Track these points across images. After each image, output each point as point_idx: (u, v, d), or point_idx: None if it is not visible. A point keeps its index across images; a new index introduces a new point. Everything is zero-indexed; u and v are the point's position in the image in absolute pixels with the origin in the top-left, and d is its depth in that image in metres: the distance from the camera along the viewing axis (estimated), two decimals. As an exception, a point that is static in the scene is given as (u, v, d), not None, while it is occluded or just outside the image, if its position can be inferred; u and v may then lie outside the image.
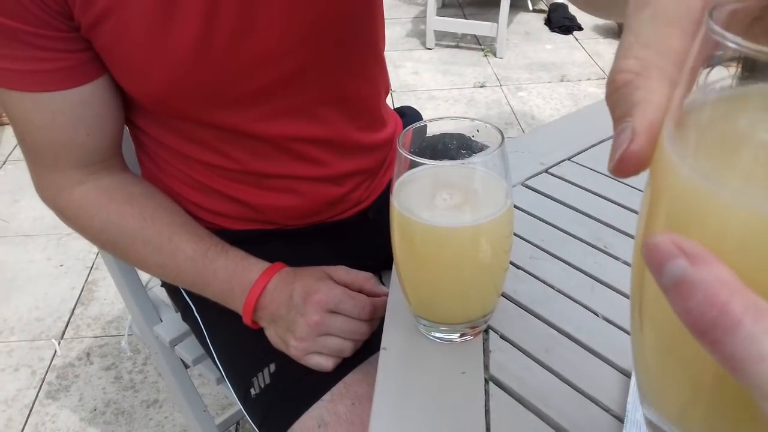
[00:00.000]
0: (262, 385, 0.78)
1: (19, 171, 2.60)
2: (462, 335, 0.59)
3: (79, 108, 0.73)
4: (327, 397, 0.74)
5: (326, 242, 0.92)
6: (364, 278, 0.77)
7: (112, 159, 0.81)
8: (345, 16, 0.75)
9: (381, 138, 0.93)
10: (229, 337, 0.84)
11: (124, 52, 0.70)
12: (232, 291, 0.77)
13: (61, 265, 2.12)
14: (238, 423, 1.54)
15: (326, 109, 0.82)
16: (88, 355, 1.80)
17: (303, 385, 0.75)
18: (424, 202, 0.53)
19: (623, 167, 0.26)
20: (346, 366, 0.75)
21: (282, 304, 0.74)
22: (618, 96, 0.26)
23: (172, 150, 0.83)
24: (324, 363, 0.74)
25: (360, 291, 0.76)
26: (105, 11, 0.67)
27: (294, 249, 0.85)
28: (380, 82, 0.91)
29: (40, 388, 1.71)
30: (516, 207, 0.76)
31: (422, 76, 3.32)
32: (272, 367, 0.78)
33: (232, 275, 0.77)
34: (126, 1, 0.67)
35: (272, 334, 0.77)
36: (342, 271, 0.78)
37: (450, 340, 0.59)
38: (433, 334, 0.59)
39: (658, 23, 0.27)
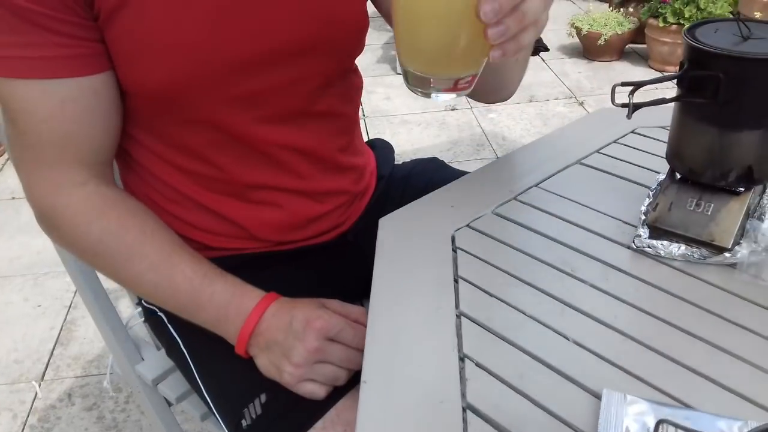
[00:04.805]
0: (254, 416, 0.79)
1: (-8, 211, 2.59)
2: (455, 86, 0.61)
3: (90, 97, 0.73)
4: (319, 424, 0.75)
5: (310, 267, 0.94)
6: (358, 311, 0.80)
7: (109, 167, 0.82)
8: (345, 31, 0.82)
9: (357, 162, 0.98)
10: (218, 369, 0.85)
11: (138, 39, 0.72)
12: (227, 317, 0.77)
13: (39, 306, 2.11)
14: (223, 457, 1.54)
15: (313, 122, 0.86)
16: (69, 396, 1.79)
17: (295, 414, 0.77)
18: None
19: None
20: (336, 393, 0.77)
21: (279, 330, 0.76)
22: None
23: (161, 160, 0.84)
24: (317, 391, 0.75)
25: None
26: None
27: (279, 274, 0.87)
28: (357, 109, 0.97)
29: (22, 431, 1.69)
30: (487, 235, 0.79)
31: (394, 101, 3.37)
32: (263, 397, 0.79)
33: (230, 300, 0.77)
34: None
35: (265, 362, 0.77)
36: (337, 303, 0.80)
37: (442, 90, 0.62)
38: (431, 90, 0.61)
39: None
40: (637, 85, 0.64)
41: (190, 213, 0.88)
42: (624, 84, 0.64)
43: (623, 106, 0.64)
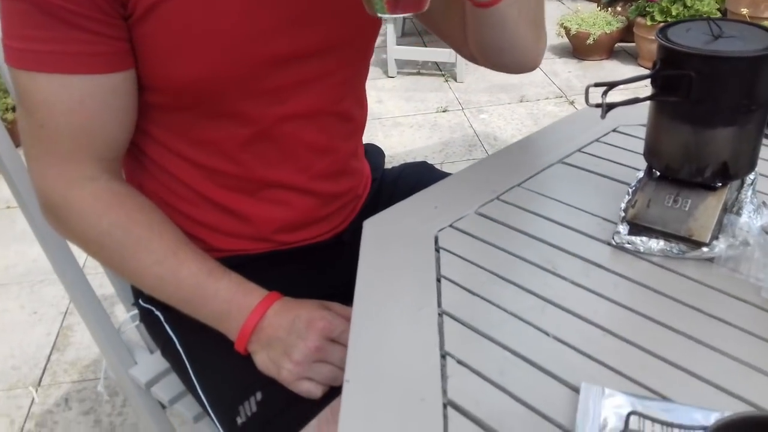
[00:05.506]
0: (249, 414, 0.80)
1: (-13, 220, 2.59)
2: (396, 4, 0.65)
3: (108, 94, 0.75)
4: (314, 423, 0.76)
5: (307, 267, 0.96)
6: None
7: (119, 163, 0.83)
8: (365, 27, 0.86)
9: (359, 167, 1.02)
10: (214, 367, 0.86)
11: (176, 33, 0.73)
12: (230, 312, 0.79)
13: (35, 312, 2.12)
14: (219, 460, 1.54)
15: (332, 122, 0.89)
16: (66, 400, 1.80)
17: (290, 412, 0.78)
18: None
19: None
20: (331, 392, 0.78)
21: (282, 328, 0.77)
22: None
23: (177, 156, 0.85)
24: (314, 390, 0.77)
25: None
26: None
27: (278, 274, 0.88)
28: (365, 117, 1.02)
29: (18, 437, 1.71)
30: (469, 235, 0.80)
31: (386, 104, 3.38)
32: (259, 395, 0.80)
33: (233, 297, 0.79)
34: None
35: (264, 358, 0.79)
36: (339, 306, 0.82)
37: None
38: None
39: None
40: (610, 86, 0.65)
41: (200, 210, 0.89)
42: (597, 84, 0.65)
43: (597, 106, 0.66)
